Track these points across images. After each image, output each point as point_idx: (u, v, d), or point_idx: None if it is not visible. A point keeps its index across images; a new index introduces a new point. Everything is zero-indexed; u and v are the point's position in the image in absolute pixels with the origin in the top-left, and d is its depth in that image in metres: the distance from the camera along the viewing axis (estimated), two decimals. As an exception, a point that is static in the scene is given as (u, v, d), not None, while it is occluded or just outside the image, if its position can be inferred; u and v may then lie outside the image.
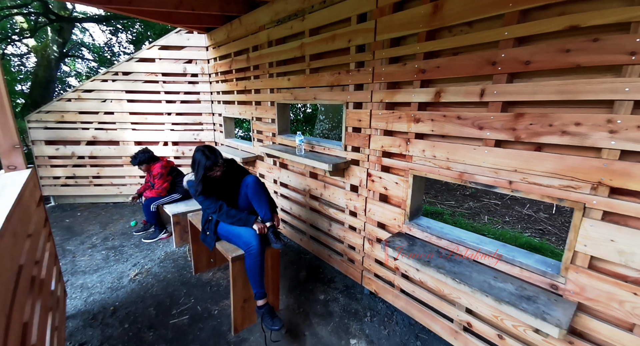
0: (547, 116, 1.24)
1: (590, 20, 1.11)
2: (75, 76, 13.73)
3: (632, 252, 1.11)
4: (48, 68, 10.24)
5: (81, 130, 4.33)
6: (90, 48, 12.89)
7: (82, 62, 13.72)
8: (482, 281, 1.43)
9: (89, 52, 13.36)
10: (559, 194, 1.26)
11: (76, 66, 13.76)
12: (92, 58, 13.36)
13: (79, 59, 13.14)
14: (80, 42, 12.88)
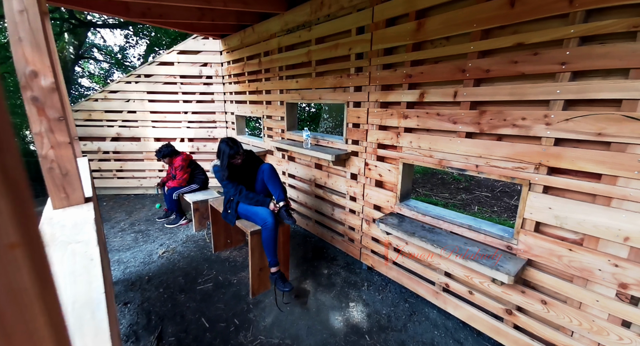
0: (503, 112, 1.58)
1: (532, 39, 1.45)
2: (87, 77, 14.29)
3: (565, 216, 1.45)
4: (64, 69, 10.74)
5: (106, 128, 4.74)
6: (104, 50, 13.40)
7: (95, 63, 14.24)
8: (455, 245, 1.77)
9: (100, 53, 13.89)
10: (511, 174, 1.60)
11: (89, 67, 14.31)
12: (103, 59, 13.90)
13: (92, 60, 13.64)
14: (93, 44, 13.40)
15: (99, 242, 0.98)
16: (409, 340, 1.96)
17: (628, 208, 1.26)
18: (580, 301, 1.44)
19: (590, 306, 1.41)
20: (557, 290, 1.53)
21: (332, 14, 2.51)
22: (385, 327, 2.06)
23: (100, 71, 14.52)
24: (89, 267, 0.83)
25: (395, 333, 2.02)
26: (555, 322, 1.54)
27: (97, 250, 0.91)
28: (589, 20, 1.30)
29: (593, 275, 1.38)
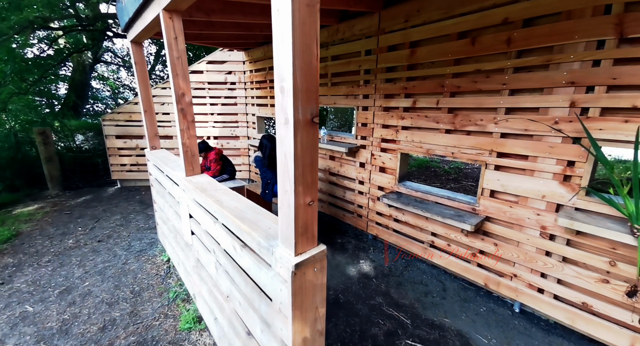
0: (468, 115, 2.31)
1: (485, 67, 2.17)
2: (100, 79, 14.97)
3: (507, 184, 2.17)
4: (83, 72, 11.43)
5: (144, 127, 5.45)
6: (120, 56, 14.07)
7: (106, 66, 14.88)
8: (438, 211, 2.50)
9: (114, 58, 14.57)
10: (474, 158, 2.32)
11: (103, 72, 14.97)
12: (117, 62, 14.59)
13: (111, 65, 14.33)
14: (108, 49, 14.09)
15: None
16: (404, 281, 2.68)
17: (543, 177, 1.99)
18: (518, 241, 2.17)
19: (524, 243, 2.14)
20: (503, 235, 2.26)
21: (345, 38, 3.24)
22: (387, 274, 2.79)
23: (111, 74, 15.22)
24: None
25: (394, 278, 2.74)
26: (503, 257, 2.27)
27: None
28: (520, 56, 2.03)
29: (524, 222, 2.11)
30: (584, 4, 1.71)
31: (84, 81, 11.56)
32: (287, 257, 0.96)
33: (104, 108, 15.20)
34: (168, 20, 1.65)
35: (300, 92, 0.82)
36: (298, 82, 0.80)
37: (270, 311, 1.12)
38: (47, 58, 8.20)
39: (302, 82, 0.81)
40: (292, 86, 0.80)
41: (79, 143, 6.98)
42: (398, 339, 2.02)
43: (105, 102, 15.35)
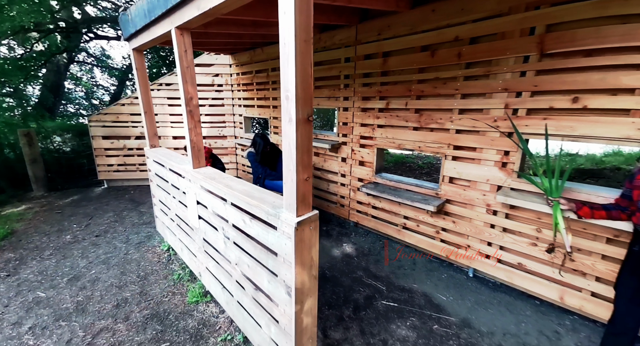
0: (431, 115, 2.77)
1: (442, 75, 2.63)
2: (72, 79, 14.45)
3: (462, 172, 2.64)
4: (57, 73, 11.10)
5: (131, 128, 5.58)
6: (94, 56, 13.69)
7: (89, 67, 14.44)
8: (408, 196, 2.94)
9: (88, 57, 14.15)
10: (436, 150, 2.78)
11: (81, 70, 14.48)
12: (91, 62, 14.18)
13: (84, 64, 13.92)
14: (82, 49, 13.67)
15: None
16: (381, 259, 3.10)
17: (487, 164, 2.47)
18: (470, 218, 2.65)
19: (475, 219, 2.62)
20: (459, 213, 2.73)
21: (327, 46, 3.62)
22: (366, 254, 3.21)
23: (84, 74, 14.75)
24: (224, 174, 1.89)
25: (373, 256, 3.16)
26: (460, 232, 2.74)
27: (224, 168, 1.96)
28: (469, 67, 2.50)
29: (475, 202, 2.59)
30: (513, 27, 2.19)
31: (58, 82, 11.22)
32: (291, 218, 1.32)
33: (77, 110, 14.71)
34: (179, 36, 1.95)
35: (300, 99, 1.18)
36: (298, 92, 1.17)
37: (277, 264, 1.48)
38: (30, 59, 8.03)
39: (301, 92, 1.18)
40: (294, 95, 1.17)
41: (57, 145, 6.92)
42: (375, 301, 2.43)
43: (78, 102, 14.86)
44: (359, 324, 2.17)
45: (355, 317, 2.25)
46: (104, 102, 14.68)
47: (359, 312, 2.30)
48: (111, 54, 13.50)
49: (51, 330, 2.11)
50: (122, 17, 2.66)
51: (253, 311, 1.79)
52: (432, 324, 2.18)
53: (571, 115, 2.01)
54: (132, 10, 2.40)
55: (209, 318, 2.22)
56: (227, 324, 2.16)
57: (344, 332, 2.10)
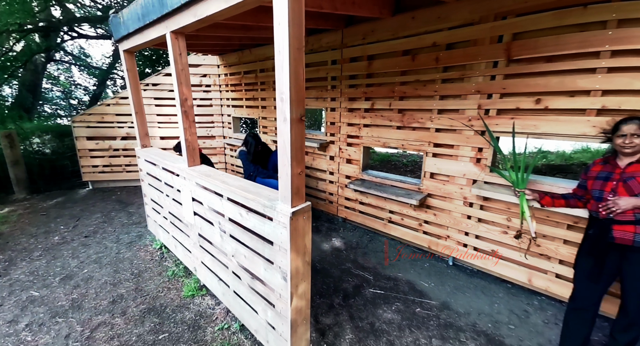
0: (413, 115, 2.96)
1: (422, 78, 2.83)
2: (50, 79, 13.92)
3: (441, 167, 2.85)
4: (35, 72, 10.73)
5: (117, 128, 5.53)
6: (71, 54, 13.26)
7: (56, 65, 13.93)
8: (393, 191, 3.13)
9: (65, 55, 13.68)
10: (418, 148, 2.98)
11: (53, 72, 13.97)
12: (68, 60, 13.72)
13: (61, 63, 13.47)
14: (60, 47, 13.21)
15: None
16: (369, 251, 3.28)
17: (463, 160, 2.68)
18: (449, 210, 2.86)
19: (453, 211, 2.83)
20: (440, 206, 2.93)
21: (314, 49, 3.77)
22: (354, 247, 3.37)
23: (62, 73, 14.24)
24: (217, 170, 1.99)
25: (361, 249, 3.33)
26: (441, 224, 2.95)
27: (214, 167, 2.06)
28: (446, 71, 2.70)
29: (453, 195, 2.80)
30: (484, 35, 2.40)
31: (36, 81, 10.84)
32: (286, 209, 1.45)
33: (54, 110, 14.19)
34: (174, 40, 2.04)
35: (294, 101, 1.32)
36: (292, 95, 1.31)
37: (273, 252, 1.60)
38: (10, 60, 7.76)
39: (294, 94, 1.32)
40: (288, 97, 1.30)
41: (36, 147, 6.73)
42: (363, 289, 2.59)
43: (56, 102, 14.34)
44: (349, 310, 2.33)
45: (345, 304, 2.40)
46: (82, 102, 14.24)
47: (348, 300, 2.45)
48: (90, 53, 13.07)
49: (48, 326, 2.15)
50: (112, 20, 2.70)
51: (250, 299, 1.91)
52: (415, 307, 2.36)
53: (535, 115, 2.24)
54: (125, 14, 2.46)
55: (205, 310, 2.32)
56: (223, 314, 2.26)
57: (334, 318, 2.24)
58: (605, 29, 1.90)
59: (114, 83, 14.41)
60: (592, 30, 1.96)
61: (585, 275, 1.75)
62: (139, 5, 2.18)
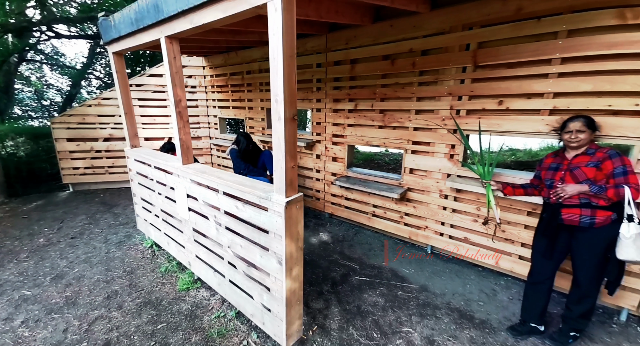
0: (393, 115, 3.19)
1: (401, 81, 3.07)
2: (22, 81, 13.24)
3: (419, 163, 3.10)
4: (8, 73, 10.25)
5: (99, 130, 5.45)
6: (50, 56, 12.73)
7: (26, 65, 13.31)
8: (376, 186, 3.35)
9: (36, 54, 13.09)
10: (398, 146, 3.22)
11: (24, 73, 13.32)
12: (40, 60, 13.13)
13: (36, 63, 12.89)
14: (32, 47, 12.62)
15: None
16: (354, 244, 3.48)
17: (439, 156, 2.94)
18: (427, 202, 3.11)
19: (430, 203, 3.08)
20: (419, 199, 3.18)
21: (299, 52, 3.93)
22: (341, 240, 3.56)
23: (34, 73, 13.60)
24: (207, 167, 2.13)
25: (347, 242, 3.53)
26: (420, 215, 3.20)
27: (206, 164, 2.19)
28: (422, 75, 2.95)
29: (430, 188, 3.05)
30: (454, 43, 2.66)
31: (8, 82, 10.34)
32: (281, 199, 1.61)
33: (25, 111, 13.55)
34: (169, 45, 2.15)
35: (287, 102, 1.49)
36: (285, 96, 1.47)
37: (268, 239, 1.76)
38: None
39: (287, 96, 1.48)
40: (282, 99, 1.47)
41: (10, 150, 6.48)
42: (350, 277, 2.79)
43: (27, 103, 13.69)
44: (337, 296, 2.51)
45: (333, 291, 2.58)
46: (55, 103, 13.68)
47: (336, 287, 2.64)
48: (64, 52, 12.57)
49: (45, 322, 2.19)
50: (102, 22, 2.75)
51: (245, 286, 2.05)
52: (397, 291, 2.58)
53: (498, 115, 2.52)
54: (117, 17, 2.53)
55: (201, 301, 2.43)
56: (219, 304, 2.38)
57: (324, 303, 2.42)
58: (556, 38, 2.20)
59: (89, 83, 13.93)
60: (545, 40, 2.25)
61: (540, 253, 2.02)
62: (133, 10, 2.27)
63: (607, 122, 2.05)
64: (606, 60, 2.04)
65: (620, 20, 1.95)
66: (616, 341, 2.04)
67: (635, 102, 1.98)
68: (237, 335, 2.07)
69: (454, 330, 2.13)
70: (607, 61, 2.03)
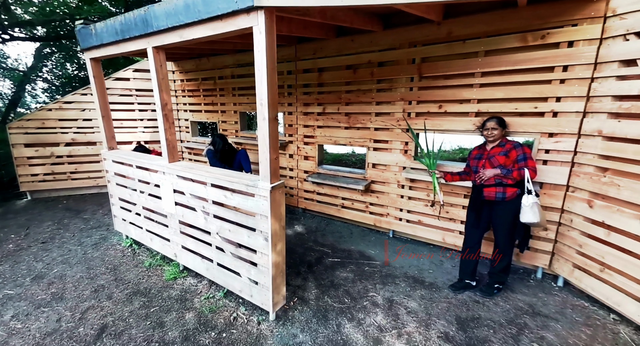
0: (357, 117, 3.66)
1: (362, 87, 3.55)
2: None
3: (380, 158, 3.59)
4: None
5: (60, 134, 5.28)
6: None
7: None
8: (344, 181, 3.79)
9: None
10: (362, 144, 3.69)
11: None
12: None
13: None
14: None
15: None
16: (326, 233, 3.87)
17: (395, 152, 3.45)
18: (388, 192, 3.61)
19: (391, 192, 3.59)
20: (381, 189, 3.68)
21: (270, 61, 4.27)
22: (314, 230, 3.94)
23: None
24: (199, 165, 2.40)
25: (319, 232, 3.91)
26: (382, 204, 3.69)
27: (194, 162, 2.46)
28: (379, 83, 3.46)
29: (390, 180, 3.56)
30: (403, 57, 3.20)
31: None
32: (267, 185, 1.95)
33: (-44, 116, 12.16)
34: (156, 54, 2.39)
35: (270, 105, 1.84)
36: (269, 100, 1.83)
37: (255, 221, 2.08)
38: None
39: (270, 100, 1.84)
40: (267, 102, 1.82)
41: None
42: (324, 260, 3.17)
43: (-42, 107, 12.30)
44: (313, 275, 2.88)
45: (309, 271, 2.94)
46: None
47: (312, 268, 3.00)
48: (7, 53, 11.53)
49: (35, 315, 2.27)
50: (81, 30, 2.86)
51: (234, 265, 2.33)
52: (364, 267, 3.01)
53: (439, 117, 3.09)
54: (99, 27, 2.68)
55: (189, 287, 2.65)
56: (207, 288, 2.62)
57: (302, 281, 2.77)
58: (477, 57, 2.80)
59: (32, 87, 12.87)
60: (469, 58, 2.85)
61: (470, 224, 2.58)
62: (118, 22, 2.47)
63: (515, 121, 2.68)
64: (513, 74, 2.67)
65: (522, 42, 2.58)
66: (532, 292, 2.64)
67: (534, 105, 2.62)
68: (226, 310, 2.34)
69: (408, 291, 2.60)
70: (514, 75, 2.67)
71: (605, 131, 2.27)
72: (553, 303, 2.44)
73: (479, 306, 2.40)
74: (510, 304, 2.42)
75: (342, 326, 2.18)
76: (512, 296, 2.53)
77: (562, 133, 2.50)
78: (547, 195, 2.64)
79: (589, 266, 2.44)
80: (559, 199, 2.60)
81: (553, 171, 2.58)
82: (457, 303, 2.45)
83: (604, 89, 2.27)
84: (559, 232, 2.67)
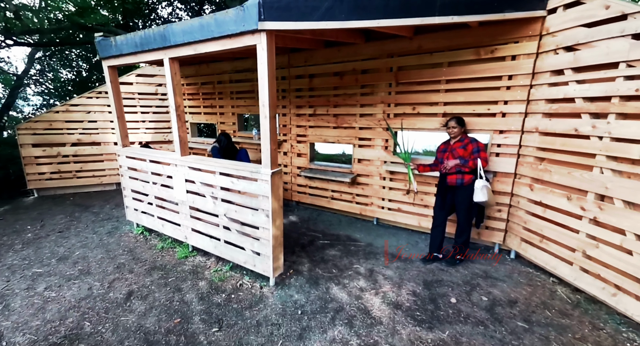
0: (344, 118, 4.15)
1: (349, 92, 4.05)
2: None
3: (364, 154, 4.09)
4: None
5: (67, 135, 5.61)
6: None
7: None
8: (333, 175, 4.26)
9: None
10: (349, 141, 4.18)
11: None
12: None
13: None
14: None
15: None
16: (318, 221, 4.33)
17: (377, 148, 3.95)
18: (372, 184, 4.10)
19: (374, 184, 4.08)
20: (365, 182, 4.16)
21: (266, 67, 4.74)
22: (307, 220, 4.39)
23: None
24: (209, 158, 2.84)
25: (312, 220, 4.36)
26: (367, 194, 4.18)
27: (203, 157, 2.90)
28: (363, 88, 3.96)
29: (373, 173, 4.05)
30: (382, 66, 3.71)
31: None
32: (268, 171, 2.40)
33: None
34: (172, 64, 2.82)
35: (271, 106, 2.30)
36: (270, 102, 2.29)
37: (258, 201, 2.53)
38: None
39: (270, 102, 2.30)
40: (267, 104, 2.28)
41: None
42: (315, 242, 3.62)
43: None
44: (306, 253, 3.33)
45: (303, 250, 3.39)
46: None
47: (305, 248, 3.46)
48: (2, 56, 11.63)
49: (67, 286, 2.65)
50: (101, 42, 3.27)
51: (239, 241, 2.77)
52: (350, 247, 3.48)
53: (413, 117, 3.61)
54: (119, 39, 3.09)
55: (199, 263, 3.06)
56: (215, 263, 3.04)
57: (296, 257, 3.22)
58: (442, 67, 3.33)
59: (24, 90, 12.97)
60: (436, 67, 3.38)
61: (437, 206, 3.09)
62: (138, 36, 2.90)
63: (473, 120, 3.21)
64: (471, 82, 3.20)
65: (477, 55, 3.12)
66: (488, 262, 3.14)
67: (487, 107, 3.16)
68: (233, 279, 2.77)
69: (387, 263, 3.08)
70: (471, 82, 3.20)
71: (540, 128, 2.82)
72: (504, 270, 2.96)
73: (443, 273, 2.89)
74: (468, 271, 2.93)
75: (330, 289, 2.64)
76: (471, 265, 3.03)
77: (510, 130, 3.04)
78: (500, 182, 3.17)
79: (532, 238, 2.97)
80: (509, 185, 3.13)
81: (504, 162, 3.12)
82: (426, 271, 2.94)
83: (539, 94, 2.82)
84: (510, 213, 3.20)
